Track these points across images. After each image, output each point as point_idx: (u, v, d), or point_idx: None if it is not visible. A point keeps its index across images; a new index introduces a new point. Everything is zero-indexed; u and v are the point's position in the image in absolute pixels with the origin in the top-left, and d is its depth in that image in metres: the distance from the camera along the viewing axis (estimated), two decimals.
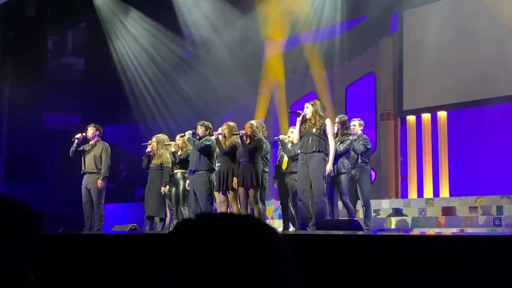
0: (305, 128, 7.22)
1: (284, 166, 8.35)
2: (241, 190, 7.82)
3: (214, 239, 0.92)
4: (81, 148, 9.16)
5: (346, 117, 8.12)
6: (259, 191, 7.77)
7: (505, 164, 10.14)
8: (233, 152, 7.98)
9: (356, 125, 8.27)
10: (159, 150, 9.11)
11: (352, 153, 8.04)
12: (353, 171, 8.08)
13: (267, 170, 8.13)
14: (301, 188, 7.18)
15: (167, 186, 9.06)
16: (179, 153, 8.99)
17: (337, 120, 7.88)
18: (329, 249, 3.30)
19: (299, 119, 7.25)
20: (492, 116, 10.45)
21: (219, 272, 0.89)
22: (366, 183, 8.24)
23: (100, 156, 9.10)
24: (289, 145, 8.19)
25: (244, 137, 7.79)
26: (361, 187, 8.17)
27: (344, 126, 7.88)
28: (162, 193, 9.00)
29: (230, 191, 8.00)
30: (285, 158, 8.34)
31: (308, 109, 7.24)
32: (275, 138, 8.64)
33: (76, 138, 9.13)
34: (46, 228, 1.35)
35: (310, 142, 7.08)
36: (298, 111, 7.42)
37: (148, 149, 9.22)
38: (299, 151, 7.33)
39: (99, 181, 9.02)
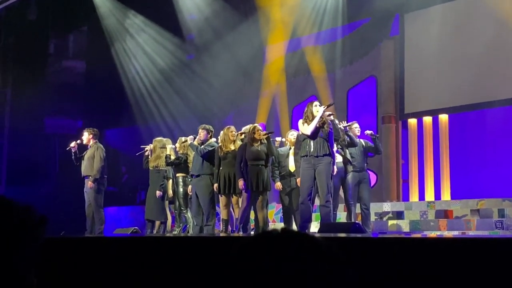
0: None
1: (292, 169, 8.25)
2: (244, 193, 7.73)
3: (293, 252, 1.09)
4: (83, 154, 9.13)
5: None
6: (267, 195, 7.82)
7: (507, 167, 10.13)
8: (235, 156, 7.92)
9: (357, 126, 8.38)
10: (159, 152, 9.06)
11: (357, 157, 8.15)
12: (356, 174, 8.13)
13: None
14: (306, 192, 7.07)
15: (170, 190, 9.06)
16: (172, 157, 8.89)
17: None
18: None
19: (323, 108, 7.16)
20: (494, 119, 10.44)
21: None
22: (366, 186, 8.30)
23: (93, 159, 8.99)
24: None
25: (251, 140, 7.75)
26: (362, 189, 8.22)
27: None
28: (158, 197, 8.97)
29: (237, 194, 7.91)
30: (291, 163, 8.23)
31: (322, 108, 7.23)
32: (278, 139, 8.65)
33: (71, 146, 9.08)
34: (48, 231, 1.35)
35: (318, 145, 7.06)
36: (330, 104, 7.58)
37: (147, 153, 9.22)
38: (309, 154, 7.17)
39: (89, 182, 8.93)
